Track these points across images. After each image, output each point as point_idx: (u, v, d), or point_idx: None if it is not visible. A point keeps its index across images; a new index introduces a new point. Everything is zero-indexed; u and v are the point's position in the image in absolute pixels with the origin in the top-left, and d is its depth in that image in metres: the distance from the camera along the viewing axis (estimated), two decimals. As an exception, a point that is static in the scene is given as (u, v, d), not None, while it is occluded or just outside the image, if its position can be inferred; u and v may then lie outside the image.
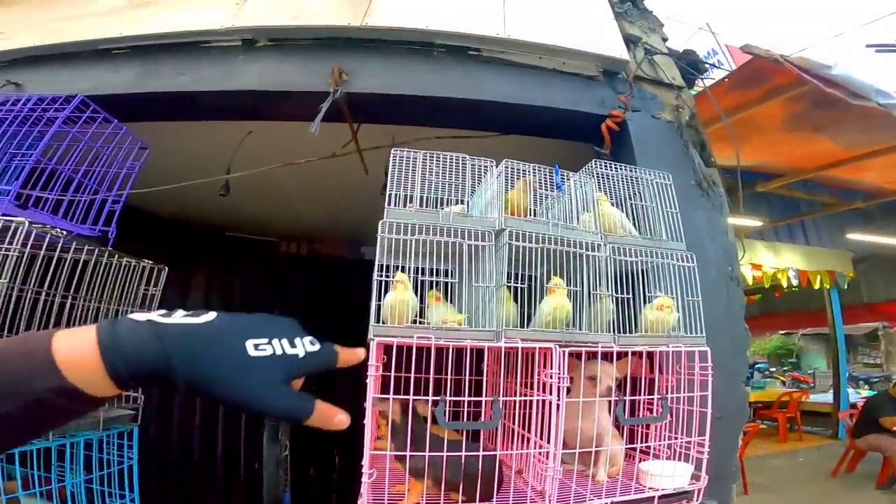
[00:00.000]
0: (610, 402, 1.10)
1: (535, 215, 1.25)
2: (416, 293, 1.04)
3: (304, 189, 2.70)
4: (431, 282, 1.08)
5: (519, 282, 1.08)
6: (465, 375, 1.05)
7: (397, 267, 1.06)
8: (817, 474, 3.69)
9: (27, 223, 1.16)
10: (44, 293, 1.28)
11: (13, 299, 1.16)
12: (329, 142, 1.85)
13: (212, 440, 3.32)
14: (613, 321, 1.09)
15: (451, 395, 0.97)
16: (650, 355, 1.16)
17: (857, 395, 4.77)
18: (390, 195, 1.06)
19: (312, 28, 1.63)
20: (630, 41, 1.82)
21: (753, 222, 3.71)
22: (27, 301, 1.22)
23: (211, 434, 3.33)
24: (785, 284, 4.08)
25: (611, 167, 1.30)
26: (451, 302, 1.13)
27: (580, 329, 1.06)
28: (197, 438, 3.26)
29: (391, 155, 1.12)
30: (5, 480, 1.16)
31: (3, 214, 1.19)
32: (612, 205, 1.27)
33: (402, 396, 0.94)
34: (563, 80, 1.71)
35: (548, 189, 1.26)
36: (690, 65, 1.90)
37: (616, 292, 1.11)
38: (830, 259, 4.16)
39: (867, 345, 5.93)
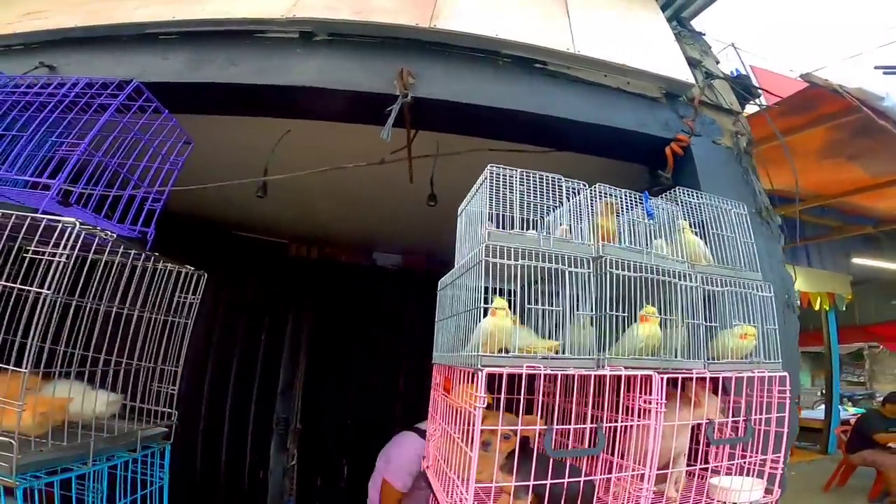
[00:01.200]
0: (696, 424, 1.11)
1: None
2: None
3: (325, 192, 2.61)
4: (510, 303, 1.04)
5: (613, 309, 1.05)
6: (563, 401, 1.02)
7: (489, 289, 1.02)
8: (810, 488, 3.82)
9: (78, 224, 1.05)
10: (87, 301, 1.17)
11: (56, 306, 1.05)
12: (370, 146, 1.78)
13: (216, 447, 3.19)
14: (698, 348, 1.09)
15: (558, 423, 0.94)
16: (718, 379, 1.17)
17: (845, 412, 4.97)
18: (491, 215, 1.01)
19: (377, 25, 1.56)
20: (691, 64, 1.82)
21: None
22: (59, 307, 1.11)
23: (215, 441, 3.20)
24: (786, 304, 4.19)
25: (695, 195, 1.28)
26: (523, 323, 1.09)
27: (675, 356, 1.05)
28: (200, 445, 3.12)
29: (487, 171, 1.07)
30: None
31: (44, 212, 1.08)
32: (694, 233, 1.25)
33: (505, 427, 0.90)
34: (626, 99, 1.69)
35: (631, 214, 1.23)
36: (745, 89, 1.91)
37: (695, 319, 1.11)
38: (831, 281, 4.31)
39: (851, 363, 6.20)
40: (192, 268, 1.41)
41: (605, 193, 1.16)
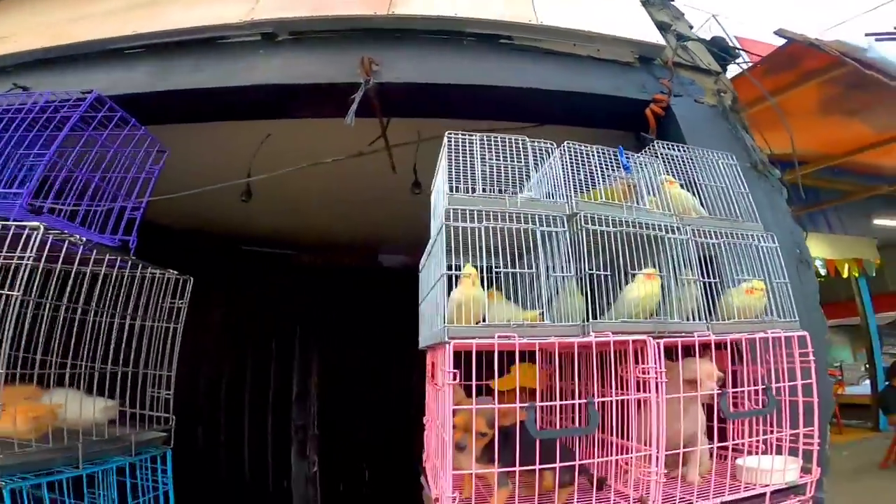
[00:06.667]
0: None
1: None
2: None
3: (322, 196, 2.59)
4: (489, 278, 0.98)
5: (597, 271, 0.97)
6: (548, 381, 0.93)
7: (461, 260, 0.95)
8: (866, 467, 3.51)
9: (42, 228, 1.03)
10: (63, 307, 1.14)
11: (28, 315, 1.02)
12: (352, 141, 1.75)
13: (238, 457, 3.14)
14: (698, 308, 0.99)
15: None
16: (735, 344, 1.05)
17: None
18: (449, 181, 0.95)
19: (334, 18, 1.54)
20: (661, 28, 1.76)
21: (773, 214, 3.62)
22: (46, 318, 1.09)
23: (237, 451, 3.15)
24: (812, 275, 3.99)
25: (676, 148, 1.20)
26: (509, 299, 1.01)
27: (672, 318, 0.95)
28: (223, 455, 3.08)
29: (445, 138, 1.02)
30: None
31: (16, 220, 1.06)
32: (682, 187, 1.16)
33: (485, 406, 0.82)
34: (599, 66, 1.63)
35: (609, 170, 1.16)
36: (722, 51, 1.84)
37: (691, 276, 1.00)
38: (856, 246, 4.06)
39: (891, 334, 5.82)
40: (176, 272, 1.38)
41: (577, 151, 1.09)
